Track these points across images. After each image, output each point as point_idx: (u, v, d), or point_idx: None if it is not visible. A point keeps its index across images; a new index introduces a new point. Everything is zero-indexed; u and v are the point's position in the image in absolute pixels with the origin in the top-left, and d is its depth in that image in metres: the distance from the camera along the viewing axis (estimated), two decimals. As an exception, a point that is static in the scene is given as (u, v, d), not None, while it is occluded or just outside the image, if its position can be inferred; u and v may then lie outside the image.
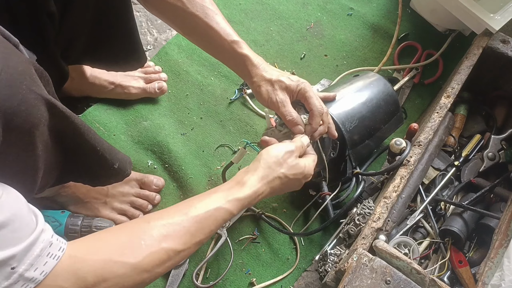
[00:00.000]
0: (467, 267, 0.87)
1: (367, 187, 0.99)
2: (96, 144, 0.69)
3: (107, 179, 0.85)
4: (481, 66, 0.98)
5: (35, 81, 0.53)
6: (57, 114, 0.58)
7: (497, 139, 1.00)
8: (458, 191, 0.97)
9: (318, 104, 0.82)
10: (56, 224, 0.87)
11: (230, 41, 0.80)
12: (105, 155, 0.73)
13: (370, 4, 1.31)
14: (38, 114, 0.53)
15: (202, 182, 1.04)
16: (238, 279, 0.95)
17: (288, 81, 0.81)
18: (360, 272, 0.68)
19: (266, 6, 1.28)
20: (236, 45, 0.80)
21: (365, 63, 1.22)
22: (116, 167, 0.78)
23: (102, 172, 0.79)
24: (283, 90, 0.82)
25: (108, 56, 0.92)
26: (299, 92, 0.82)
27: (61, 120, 0.59)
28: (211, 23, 0.78)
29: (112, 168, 0.77)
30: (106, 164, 0.75)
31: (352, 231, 0.83)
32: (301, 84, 0.82)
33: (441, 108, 0.92)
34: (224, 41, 0.79)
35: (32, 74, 0.53)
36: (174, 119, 1.11)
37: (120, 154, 0.82)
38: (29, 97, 0.51)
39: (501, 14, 0.96)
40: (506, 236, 0.79)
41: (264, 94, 0.82)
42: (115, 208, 0.96)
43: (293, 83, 0.81)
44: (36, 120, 0.53)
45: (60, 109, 0.58)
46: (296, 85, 0.82)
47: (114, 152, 0.79)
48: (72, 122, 0.62)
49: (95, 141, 0.69)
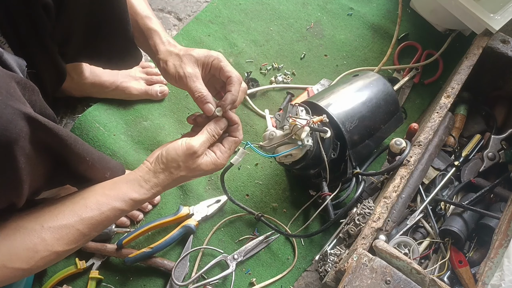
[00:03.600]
0: (467, 267, 0.87)
1: (367, 187, 0.99)
2: (85, 154, 0.68)
3: None
4: (481, 66, 0.98)
5: (12, 95, 0.52)
6: (39, 128, 0.57)
7: (497, 139, 1.00)
8: (458, 191, 0.97)
9: (235, 70, 0.77)
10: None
11: (144, 15, 0.79)
12: (95, 165, 0.71)
13: (370, 4, 1.31)
14: (17, 129, 0.52)
15: (202, 182, 1.04)
16: (238, 279, 0.95)
17: (197, 54, 0.75)
18: (360, 272, 0.68)
19: (266, 6, 1.28)
20: (148, 20, 0.79)
21: (365, 63, 1.22)
22: (108, 176, 0.76)
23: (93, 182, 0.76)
24: (193, 64, 0.75)
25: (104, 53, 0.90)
26: (212, 64, 0.76)
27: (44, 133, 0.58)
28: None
29: (103, 178, 0.75)
30: (96, 174, 0.74)
31: (352, 231, 0.83)
32: (213, 55, 0.76)
33: (441, 108, 0.92)
34: (138, 15, 0.79)
35: (10, 88, 0.52)
36: (174, 119, 1.11)
37: (111, 163, 0.80)
38: (5, 112, 0.50)
39: (501, 14, 0.96)
40: (506, 236, 0.79)
41: (171, 69, 0.76)
42: None
43: (203, 55, 0.76)
44: (14, 135, 0.52)
45: (41, 123, 0.57)
46: (207, 57, 0.76)
47: (105, 161, 0.77)
48: (56, 135, 0.60)
49: (84, 152, 0.67)
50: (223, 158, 0.76)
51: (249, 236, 0.99)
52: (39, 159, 0.60)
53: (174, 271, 0.91)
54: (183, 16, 1.27)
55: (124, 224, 0.97)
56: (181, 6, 1.28)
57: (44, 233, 0.61)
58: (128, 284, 0.92)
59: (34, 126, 0.56)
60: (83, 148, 0.67)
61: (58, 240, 0.62)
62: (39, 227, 0.61)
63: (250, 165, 1.07)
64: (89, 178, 0.73)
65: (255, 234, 0.99)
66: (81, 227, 0.64)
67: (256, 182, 1.05)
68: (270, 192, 1.04)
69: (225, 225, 1.00)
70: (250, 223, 1.00)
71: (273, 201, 1.03)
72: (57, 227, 0.62)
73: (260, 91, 1.16)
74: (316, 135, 0.86)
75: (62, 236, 0.62)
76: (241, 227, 1.00)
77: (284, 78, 1.18)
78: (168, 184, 0.73)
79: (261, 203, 1.03)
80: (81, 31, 0.79)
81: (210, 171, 0.75)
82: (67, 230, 0.63)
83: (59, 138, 0.62)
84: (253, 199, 1.03)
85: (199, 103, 0.75)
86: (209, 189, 1.04)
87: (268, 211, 1.02)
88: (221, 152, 0.76)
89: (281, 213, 1.02)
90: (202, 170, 0.73)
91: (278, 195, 1.04)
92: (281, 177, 1.06)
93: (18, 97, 0.53)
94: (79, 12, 0.76)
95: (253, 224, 1.00)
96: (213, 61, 0.76)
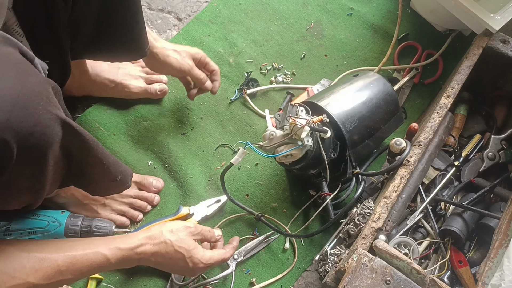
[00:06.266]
0: (467, 267, 0.87)
1: (367, 187, 0.99)
2: (103, 158, 0.71)
3: (107, 190, 0.87)
4: (481, 66, 0.98)
5: (51, 100, 0.55)
6: (70, 132, 0.59)
7: (497, 139, 1.00)
8: (458, 191, 0.97)
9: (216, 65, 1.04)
10: (56, 224, 0.87)
11: None
12: (109, 168, 0.74)
13: (370, 4, 1.31)
14: (53, 134, 0.55)
15: (202, 182, 1.04)
16: (238, 279, 0.95)
17: (191, 50, 0.99)
18: (360, 272, 0.68)
19: (266, 6, 1.28)
20: None
21: (365, 63, 1.22)
22: (118, 180, 0.80)
23: (104, 184, 0.80)
24: (189, 58, 0.98)
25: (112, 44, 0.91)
26: (200, 59, 1.01)
27: (73, 138, 0.61)
28: None
29: (114, 181, 0.79)
30: (109, 176, 0.77)
31: (352, 231, 0.83)
32: (200, 53, 1.01)
33: (441, 108, 0.92)
34: None
35: (49, 94, 0.54)
36: (174, 119, 1.11)
37: (123, 167, 0.83)
38: (44, 117, 0.53)
39: (501, 14, 0.96)
40: (506, 236, 0.79)
41: (174, 62, 0.96)
42: (115, 210, 0.96)
43: (194, 52, 1.00)
44: (51, 139, 0.54)
45: (74, 127, 0.60)
46: (197, 53, 1.00)
47: (117, 165, 0.80)
48: (84, 139, 0.63)
49: (102, 156, 0.70)
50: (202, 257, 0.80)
51: (249, 236, 0.99)
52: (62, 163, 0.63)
53: (174, 271, 0.91)
54: (183, 16, 1.27)
55: (124, 224, 0.97)
56: (181, 6, 1.28)
57: (26, 260, 0.61)
58: (128, 284, 0.92)
59: (67, 131, 0.58)
60: (102, 152, 0.70)
61: (37, 271, 0.61)
62: (25, 253, 0.61)
63: (250, 165, 1.07)
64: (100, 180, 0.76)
65: (255, 234, 0.99)
66: (61, 263, 0.64)
67: (256, 182, 1.05)
68: (270, 192, 1.04)
69: (225, 225, 1.00)
70: (250, 223, 1.00)
71: (273, 201, 1.03)
72: (39, 258, 0.62)
73: (260, 91, 1.16)
74: (316, 135, 0.86)
75: (41, 268, 0.62)
76: (241, 227, 1.00)
77: (284, 78, 1.18)
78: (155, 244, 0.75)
79: (261, 203, 1.03)
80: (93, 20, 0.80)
81: (194, 258, 0.78)
82: (48, 263, 0.63)
83: (85, 142, 0.64)
84: (253, 199, 1.03)
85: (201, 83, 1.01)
86: (209, 189, 1.04)
87: (268, 211, 1.02)
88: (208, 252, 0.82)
89: (281, 213, 1.02)
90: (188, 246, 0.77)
91: (278, 195, 1.04)
92: (281, 177, 1.06)
93: (55, 103, 0.55)
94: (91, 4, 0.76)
95: (253, 224, 1.00)
96: (200, 57, 1.01)
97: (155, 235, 0.75)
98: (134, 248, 0.72)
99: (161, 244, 0.75)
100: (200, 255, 0.79)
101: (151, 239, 0.74)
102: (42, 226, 0.86)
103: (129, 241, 0.72)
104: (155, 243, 0.75)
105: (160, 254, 0.75)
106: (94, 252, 0.68)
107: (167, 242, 0.75)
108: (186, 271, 0.80)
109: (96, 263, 0.68)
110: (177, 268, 0.79)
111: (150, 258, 0.75)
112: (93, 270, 0.68)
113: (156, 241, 0.75)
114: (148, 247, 0.74)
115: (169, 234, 0.76)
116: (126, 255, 0.71)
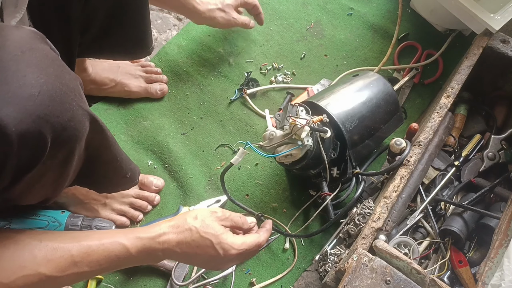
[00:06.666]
0: (467, 267, 0.87)
1: (367, 187, 0.99)
2: (117, 154, 0.71)
3: (116, 187, 0.87)
4: (481, 66, 0.98)
5: (82, 97, 0.56)
6: (96, 128, 0.60)
7: (497, 139, 1.00)
8: (458, 191, 0.97)
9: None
10: (56, 224, 0.87)
11: None
12: (122, 165, 0.75)
13: (370, 4, 1.31)
14: (83, 129, 0.56)
15: (202, 182, 1.04)
16: (238, 279, 0.95)
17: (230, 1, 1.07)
18: (360, 272, 0.68)
19: (266, 6, 1.28)
20: None
21: (365, 63, 1.22)
22: (128, 177, 0.80)
23: (114, 180, 0.80)
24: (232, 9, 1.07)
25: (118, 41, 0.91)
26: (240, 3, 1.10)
27: (96, 134, 0.62)
28: None
29: (124, 177, 0.79)
30: (121, 173, 0.77)
31: (352, 231, 0.83)
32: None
33: (441, 108, 0.92)
34: None
35: (80, 91, 0.56)
36: (174, 119, 1.11)
37: (132, 164, 0.84)
38: (78, 113, 0.54)
39: (501, 14, 0.96)
40: (506, 236, 0.79)
41: (221, 20, 1.06)
42: (115, 209, 0.96)
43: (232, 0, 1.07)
44: (81, 134, 0.56)
45: (100, 124, 0.61)
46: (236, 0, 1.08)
47: (129, 162, 0.80)
48: (106, 136, 0.64)
49: (117, 152, 0.71)
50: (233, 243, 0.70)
51: (249, 236, 0.99)
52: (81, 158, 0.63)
53: (174, 271, 0.91)
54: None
55: (124, 225, 0.97)
56: None
57: (38, 249, 0.57)
58: (128, 284, 0.92)
59: (93, 127, 0.59)
60: (117, 149, 0.72)
61: (49, 261, 0.57)
62: (36, 242, 0.58)
63: (250, 165, 1.07)
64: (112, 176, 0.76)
65: (255, 234, 0.99)
66: (75, 253, 0.59)
67: (256, 182, 1.05)
68: (270, 192, 1.04)
69: None
70: (250, 223, 1.00)
71: (273, 201, 1.03)
72: (52, 248, 0.58)
73: (260, 91, 1.16)
74: (316, 135, 0.86)
75: (53, 258, 0.57)
76: (241, 227, 1.00)
77: (284, 78, 1.18)
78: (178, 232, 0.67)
79: (261, 203, 1.03)
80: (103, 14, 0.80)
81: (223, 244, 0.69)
82: (61, 252, 0.58)
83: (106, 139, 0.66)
84: (253, 199, 1.03)
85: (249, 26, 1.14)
86: (209, 189, 1.03)
87: (268, 211, 1.02)
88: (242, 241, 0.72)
89: (281, 213, 1.02)
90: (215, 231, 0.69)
91: (278, 195, 1.04)
92: (281, 177, 1.06)
93: (84, 99, 0.57)
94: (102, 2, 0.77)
95: (253, 224, 1.00)
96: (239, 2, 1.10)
97: (178, 223, 0.68)
98: (155, 237, 0.65)
99: (185, 232, 0.67)
100: (230, 240, 0.70)
101: (174, 228, 0.67)
102: (42, 226, 0.85)
103: (149, 230, 0.66)
104: (179, 231, 0.67)
105: (186, 242, 0.67)
106: (112, 242, 0.62)
107: (192, 229, 0.67)
108: (217, 260, 0.70)
109: (114, 254, 0.62)
110: (207, 258, 0.70)
111: (175, 249, 0.67)
112: (111, 262, 0.62)
113: (180, 229, 0.67)
114: (171, 236, 0.66)
115: (193, 221, 0.68)
116: (148, 245, 0.65)
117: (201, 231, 0.68)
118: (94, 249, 0.60)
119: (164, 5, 1.06)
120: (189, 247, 0.67)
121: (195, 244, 0.67)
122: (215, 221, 0.70)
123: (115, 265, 0.63)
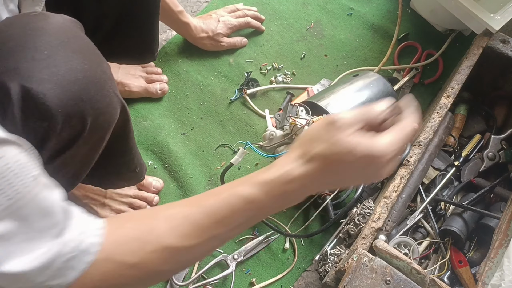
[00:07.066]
0: (467, 267, 0.87)
1: (367, 187, 0.99)
2: (133, 146, 0.73)
3: (123, 181, 0.88)
4: (481, 66, 0.98)
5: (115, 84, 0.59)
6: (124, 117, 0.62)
7: (497, 139, 1.00)
8: (458, 191, 0.97)
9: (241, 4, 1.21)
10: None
11: (177, 11, 1.05)
12: (134, 158, 0.76)
13: (370, 4, 1.31)
14: (116, 116, 0.59)
15: (202, 182, 1.04)
16: (238, 279, 0.95)
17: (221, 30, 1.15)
18: (360, 272, 0.68)
19: (266, 6, 1.28)
20: (181, 15, 1.07)
21: (365, 63, 1.22)
22: (137, 171, 0.81)
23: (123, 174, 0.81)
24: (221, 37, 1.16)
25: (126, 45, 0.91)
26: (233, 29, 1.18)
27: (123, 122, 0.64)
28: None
29: (133, 172, 0.80)
30: (131, 166, 0.78)
31: (352, 231, 0.83)
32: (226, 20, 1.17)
33: (441, 108, 0.92)
34: (172, 11, 1.03)
35: (113, 78, 0.58)
36: (174, 119, 1.11)
37: (142, 160, 0.84)
38: (113, 100, 0.57)
39: (501, 14, 0.96)
40: (506, 236, 0.78)
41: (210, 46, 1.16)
42: (114, 210, 0.96)
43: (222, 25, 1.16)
44: (113, 121, 0.59)
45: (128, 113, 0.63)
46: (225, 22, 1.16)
47: (139, 156, 0.82)
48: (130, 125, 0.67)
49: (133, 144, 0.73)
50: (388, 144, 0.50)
51: (249, 236, 0.99)
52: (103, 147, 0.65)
53: (174, 271, 0.91)
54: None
55: (124, 224, 0.96)
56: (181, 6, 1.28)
57: (156, 221, 0.51)
58: (128, 284, 0.92)
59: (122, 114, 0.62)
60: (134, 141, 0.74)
61: (171, 229, 0.49)
62: (151, 213, 0.54)
63: (250, 165, 1.07)
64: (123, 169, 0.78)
65: (255, 234, 0.99)
66: (198, 216, 0.50)
67: (256, 182, 1.05)
68: (270, 192, 1.04)
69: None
70: (250, 223, 1.00)
71: (273, 201, 1.03)
72: (169, 215, 0.51)
73: (260, 91, 1.16)
74: (316, 135, 0.86)
75: (176, 225, 0.50)
76: (241, 227, 1.00)
77: (284, 78, 1.18)
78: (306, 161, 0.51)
79: (261, 203, 1.02)
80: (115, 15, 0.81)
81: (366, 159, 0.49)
82: (182, 218, 0.50)
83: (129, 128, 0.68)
84: (253, 199, 1.03)
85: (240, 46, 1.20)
86: (209, 189, 1.03)
87: (268, 211, 1.01)
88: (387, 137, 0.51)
89: (281, 213, 1.02)
90: (347, 145, 0.49)
91: (278, 195, 1.03)
92: (281, 177, 1.06)
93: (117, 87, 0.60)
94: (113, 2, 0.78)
95: (253, 224, 1.00)
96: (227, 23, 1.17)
97: (300, 152, 0.52)
98: (283, 176, 0.51)
99: (314, 161, 0.51)
100: (379, 142, 0.49)
101: (298, 159, 0.51)
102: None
103: (270, 170, 0.52)
104: (306, 161, 0.51)
105: (325, 171, 0.51)
106: (232, 194, 0.52)
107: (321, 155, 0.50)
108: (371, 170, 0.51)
109: (240, 207, 0.51)
110: (359, 172, 0.52)
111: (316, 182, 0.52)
112: (242, 216, 0.51)
113: (306, 158, 0.51)
114: (301, 169, 0.51)
115: (315, 144, 0.51)
116: (277, 188, 0.51)
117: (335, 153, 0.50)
118: (217, 206, 0.51)
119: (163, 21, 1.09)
120: (335, 175, 0.52)
121: (340, 169, 0.51)
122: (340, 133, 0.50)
123: (247, 217, 0.52)
